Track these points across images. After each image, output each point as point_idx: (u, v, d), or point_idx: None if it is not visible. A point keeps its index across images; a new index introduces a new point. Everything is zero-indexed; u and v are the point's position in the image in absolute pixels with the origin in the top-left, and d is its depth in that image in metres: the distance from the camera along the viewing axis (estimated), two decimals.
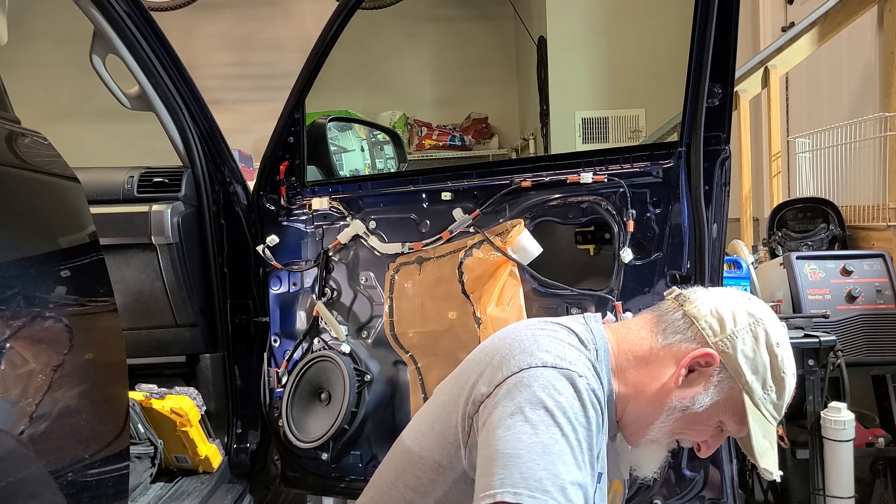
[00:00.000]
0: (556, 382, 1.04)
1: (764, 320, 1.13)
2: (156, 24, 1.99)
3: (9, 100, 1.32)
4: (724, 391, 1.12)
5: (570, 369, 1.05)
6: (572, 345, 1.12)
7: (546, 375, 1.04)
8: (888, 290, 2.42)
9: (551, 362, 1.06)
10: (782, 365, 1.12)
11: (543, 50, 4.83)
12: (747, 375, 1.11)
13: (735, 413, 1.13)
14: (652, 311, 1.22)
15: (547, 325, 1.17)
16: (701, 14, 1.58)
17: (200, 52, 5.71)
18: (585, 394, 1.04)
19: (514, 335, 1.16)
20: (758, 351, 1.11)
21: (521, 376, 1.06)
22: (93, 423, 1.25)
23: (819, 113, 3.53)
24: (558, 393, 1.03)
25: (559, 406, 1.02)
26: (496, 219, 1.85)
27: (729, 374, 1.11)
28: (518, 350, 1.10)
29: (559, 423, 1.01)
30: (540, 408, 1.02)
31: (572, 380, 1.04)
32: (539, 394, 1.03)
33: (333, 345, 2.07)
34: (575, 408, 1.03)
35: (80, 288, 1.28)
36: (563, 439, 1.00)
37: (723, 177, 1.64)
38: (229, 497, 2.05)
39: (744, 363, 1.11)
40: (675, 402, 1.13)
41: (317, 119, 2.39)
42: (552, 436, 1.00)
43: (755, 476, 2.43)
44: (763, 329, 1.12)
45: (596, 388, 1.07)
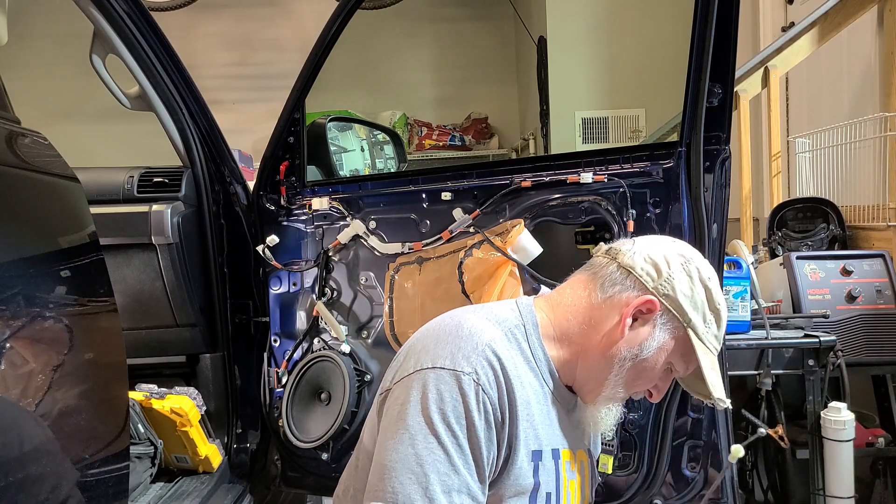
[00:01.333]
0: (441, 385, 1.06)
1: (694, 259, 1.18)
2: (156, 24, 1.99)
3: (9, 100, 1.32)
4: (669, 332, 1.15)
5: (456, 370, 1.06)
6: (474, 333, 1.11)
7: (433, 379, 1.07)
8: (888, 290, 2.42)
9: (440, 363, 1.08)
10: (716, 297, 1.16)
11: (543, 50, 4.83)
12: (690, 312, 1.14)
13: (682, 352, 1.16)
14: (584, 270, 1.24)
15: (461, 316, 1.18)
16: (701, 14, 1.58)
17: (200, 52, 5.71)
18: (472, 392, 1.05)
19: (431, 328, 1.19)
20: (694, 288, 1.15)
21: (413, 378, 1.09)
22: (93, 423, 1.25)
23: (819, 113, 3.53)
24: (440, 399, 1.05)
25: (440, 412, 1.05)
26: (496, 219, 1.85)
27: (672, 316, 1.15)
28: (421, 346, 1.13)
29: (437, 432, 1.04)
30: (420, 416, 1.05)
31: (458, 380, 1.06)
32: (423, 401, 1.06)
33: (333, 345, 2.07)
34: (457, 411, 1.05)
35: (80, 288, 1.28)
36: (440, 448, 1.03)
37: (723, 177, 1.65)
38: (229, 497, 2.05)
39: (684, 302, 1.14)
40: (625, 351, 1.15)
41: (317, 119, 2.39)
42: (428, 445, 1.04)
43: (755, 476, 2.43)
44: (695, 267, 1.16)
45: (489, 381, 1.07)
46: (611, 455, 1.72)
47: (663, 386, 1.22)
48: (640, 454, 1.72)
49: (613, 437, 1.73)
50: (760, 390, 2.24)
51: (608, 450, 1.72)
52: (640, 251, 1.18)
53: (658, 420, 1.70)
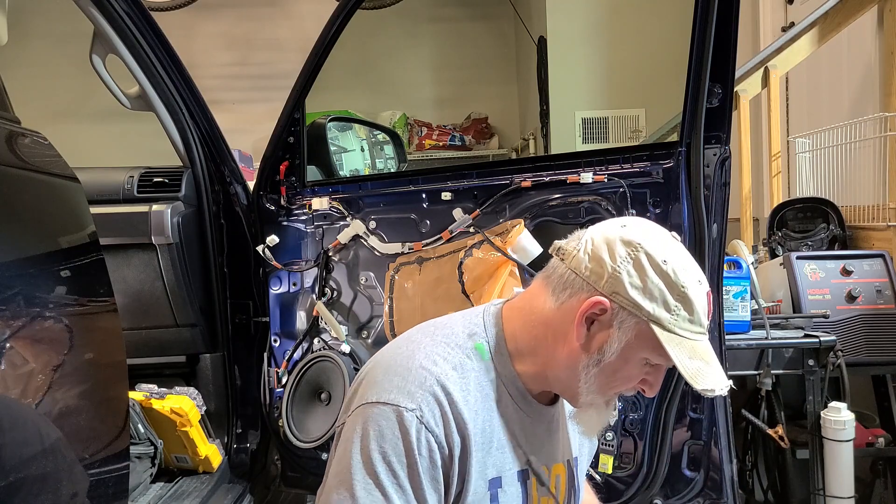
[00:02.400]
0: (381, 422, 1.03)
1: (642, 243, 1.05)
2: (156, 24, 2.00)
3: (9, 100, 1.32)
4: (630, 330, 1.04)
5: (399, 405, 1.03)
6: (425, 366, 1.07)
7: (375, 415, 1.04)
8: (888, 290, 2.42)
9: (384, 398, 1.04)
10: (678, 280, 1.03)
11: (543, 50, 4.83)
12: (646, 306, 1.02)
13: (654, 346, 1.04)
14: (542, 272, 1.15)
15: (424, 340, 1.14)
16: (701, 14, 1.58)
17: (200, 52, 5.71)
18: (414, 430, 1.02)
19: (385, 356, 1.15)
20: (647, 278, 1.03)
21: (357, 414, 1.06)
22: (93, 423, 1.25)
23: (819, 113, 3.53)
24: (381, 437, 1.02)
25: (380, 451, 1.02)
26: (496, 219, 1.85)
27: (628, 313, 1.03)
28: (371, 378, 1.10)
29: (376, 472, 1.02)
30: (359, 455, 1.03)
31: (400, 417, 1.02)
32: (363, 439, 1.03)
33: (333, 345, 2.08)
34: (398, 449, 1.02)
35: (80, 288, 1.28)
36: (377, 490, 1.01)
37: (723, 177, 1.65)
38: (229, 497, 2.05)
39: (636, 296, 1.03)
40: (586, 359, 1.07)
41: (317, 119, 2.39)
42: (366, 487, 1.02)
43: (755, 476, 2.43)
44: (643, 253, 1.04)
45: (434, 418, 1.04)
46: (611, 455, 1.72)
47: (654, 380, 1.10)
48: (640, 454, 1.72)
49: (613, 437, 1.73)
50: (760, 390, 2.24)
51: (608, 450, 1.72)
52: (584, 247, 1.08)
53: (658, 420, 1.70)
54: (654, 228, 1.10)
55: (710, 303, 1.07)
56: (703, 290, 1.06)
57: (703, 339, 1.06)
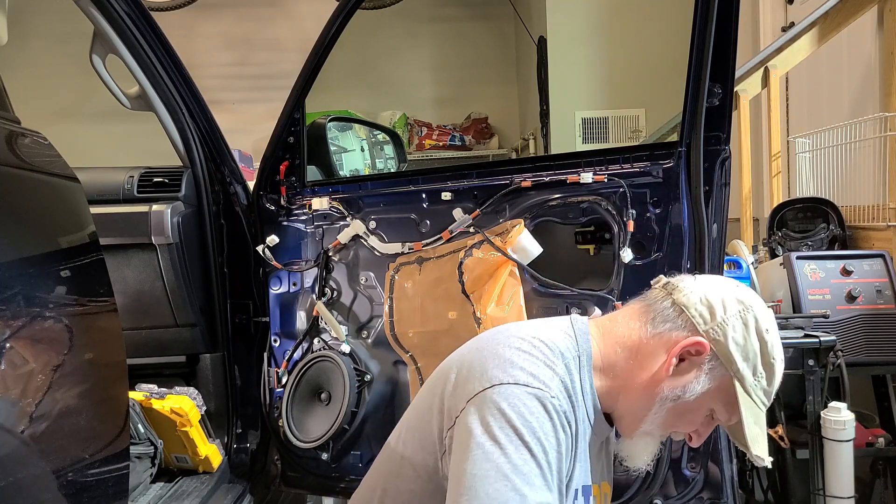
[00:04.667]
0: (527, 401, 1.02)
1: (753, 307, 1.12)
2: (156, 24, 1.99)
3: (9, 100, 1.32)
4: (715, 379, 1.10)
5: (541, 389, 1.04)
6: (547, 362, 1.09)
7: (517, 394, 1.03)
8: (888, 290, 2.42)
9: (523, 380, 1.04)
10: (772, 351, 1.11)
11: (543, 50, 4.83)
12: (738, 363, 1.09)
13: (726, 401, 1.12)
14: (640, 300, 1.20)
15: (524, 336, 1.14)
16: (701, 14, 1.58)
17: (200, 52, 5.71)
18: (556, 415, 1.03)
19: (489, 346, 1.14)
20: (748, 338, 1.10)
21: (492, 392, 1.04)
22: (93, 423, 1.25)
23: (819, 113, 3.53)
24: (529, 412, 1.01)
25: (529, 426, 1.01)
26: (496, 219, 1.85)
27: (720, 362, 1.10)
28: (491, 363, 1.08)
29: (528, 444, 1.00)
30: (509, 428, 1.01)
31: (543, 400, 1.03)
32: (509, 413, 1.01)
33: (333, 345, 2.07)
34: (545, 428, 1.02)
35: (80, 288, 1.28)
36: (533, 460, 1.00)
37: (723, 177, 1.64)
38: (229, 497, 2.05)
39: (735, 350, 1.09)
40: (667, 391, 1.11)
41: (317, 119, 2.39)
42: (522, 456, 0.99)
43: (755, 476, 2.43)
44: (753, 316, 1.11)
45: (567, 410, 1.05)
46: None
47: (704, 431, 1.17)
48: None
49: None
50: None
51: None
52: (697, 290, 1.14)
53: None
54: (759, 298, 1.18)
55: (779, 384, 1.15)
56: (782, 369, 1.14)
57: (765, 410, 1.14)
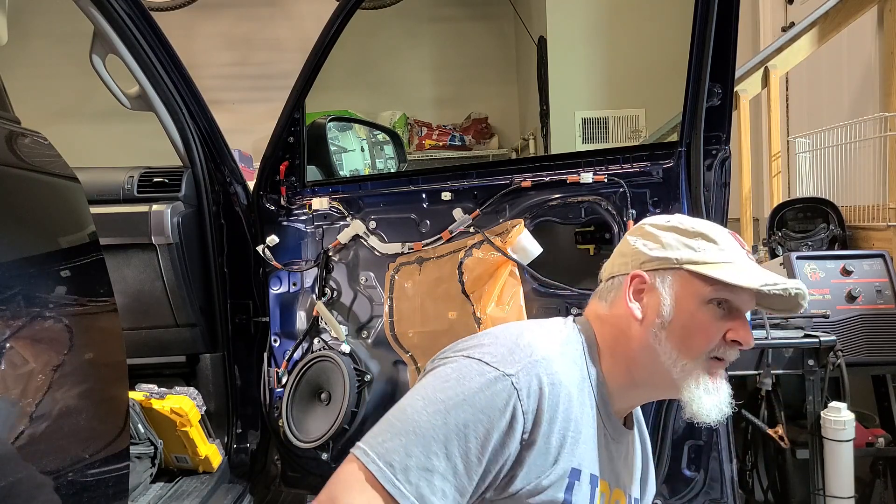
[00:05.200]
0: (479, 377, 1.03)
1: (644, 223, 1.18)
2: (156, 24, 2.00)
3: (9, 100, 1.32)
4: (673, 284, 1.11)
5: (499, 369, 1.04)
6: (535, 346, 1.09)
7: (472, 366, 1.05)
8: (888, 290, 2.42)
9: (487, 359, 1.05)
10: (685, 226, 1.14)
11: (543, 50, 4.83)
12: (672, 255, 1.12)
13: (698, 287, 1.10)
14: (594, 293, 1.25)
15: (531, 326, 1.17)
16: (701, 14, 1.58)
17: (200, 52, 5.71)
18: (505, 394, 1.02)
19: (490, 330, 1.17)
20: (660, 237, 1.14)
21: (452, 359, 1.08)
22: (93, 423, 1.25)
23: (819, 113, 3.53)
24: (468, 380, 1.03)
25: (461, 394, 1.02)
26: (496, 219, 1.85)
27: (661, 271, 1.12)
28: (477, 341, 1.12)
29: (448, 410, 1.01)
30: (441, 390, 1.03)
31: (497, 379, 1.03)
32: (451, 376, 1.04)
33: (333, 345, 2.08)
34: (479, 402, 1.01)
35: (80, 288, 1.28)
36: (443, 427, 1.00)
37: (723, 177, 1.65)
38: (229, 497, 2.05)
39: (659, 253, 1.13)
40: (650, 330, 1.12)
41: (317, 119, 2.39)
42: (432, 419, 1.00)
43: (755, 476, 2.43)
44: (648, 225, 1.17)
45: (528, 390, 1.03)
46: None
47: (740, 325, 1.10)
48: None
49: None
50: (760, 390, 2.24)
51: None
52: (612, 257, 1.22)
53: (658, 420, 1.70)
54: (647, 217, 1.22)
55: (737, 238, 1.14)
56: (718, 227, 1.13)
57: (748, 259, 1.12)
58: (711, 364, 1.12)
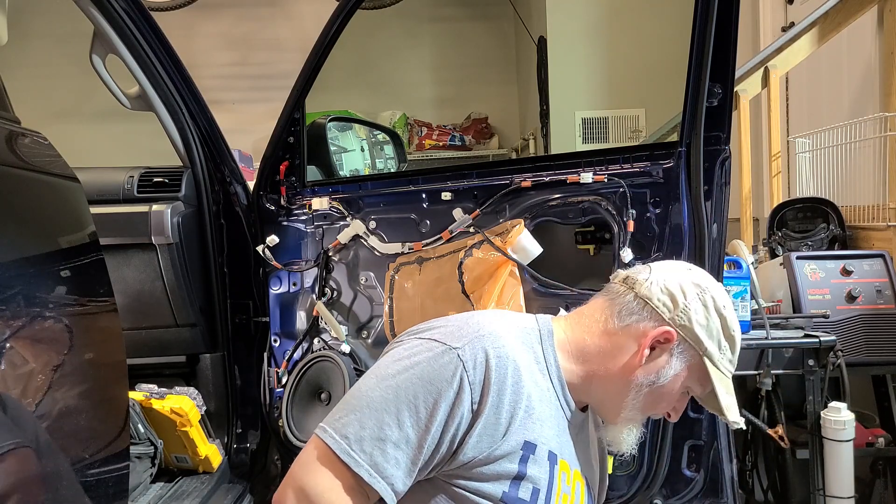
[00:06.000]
0: (425, 353, 1.10)
1: (710, 288, 1.21)
2: (156, 24, 2.00)
3: (9, 100, 1.32)
4: (686, 360, 1.19)
5: (446, 343, 1.11)
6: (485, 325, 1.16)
7: (421, 344, 1.13)
8: (888, 290, 2.42)
9: (436, 336, 1.13)
10: (731, 325, 1.20)
11: (543, 50, 4.83)
12: (705, 342, 1.18)
13: (698, 377, 1.20)
14: (603, 295, 1.27)
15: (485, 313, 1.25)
16: (701, 14, 1.58)
17: (200, 52, 5.71)
18: (451, 366, 1.08)
19: (450, 318, 1.24)
20: (710, 317, 1.18)
21: (405, 341, 1.16)
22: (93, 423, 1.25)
23: (819, 113, 3.53)
24: (417, 356, 1.10)
25: (410, 368, 1.09)
26: (496, 219, 1.85)
27: (689, 345, 1.18)
28: (430, 324, 1.20)
29: (399, 385, 1.08)
30: (391, 367, 1.11)
31: (443, 353, 1.09)
32: (402, 354, 1.12)
33: (333, 345, 2.08)
34: (425, 376, 1.08)
35: (80, 288, 1.28)
36: (395, 399, 1.07)
37: (723, 177, 1.65)
38: (229, 497, 2.05)
39: (700, 332, 1.18)
40: (642, 378, 1.18)
41: (317, 119, 2.39)
42: (384, 393, 1.08)
43: (755, 476, 2.43)
44: (710, 296, 1.19)
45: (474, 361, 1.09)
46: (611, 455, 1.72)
47: (681, 407, 1.26)
48: (640, 454, 1.72)
49: None
50: (760, 390, 2.24)
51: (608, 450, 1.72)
52: (656, 281, 1.21)
53: (658, 420, 1.70)
54: (708, 275, 1.26)
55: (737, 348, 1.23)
56: (740, 336, 1.22)
57: (730, 378, 1.23)
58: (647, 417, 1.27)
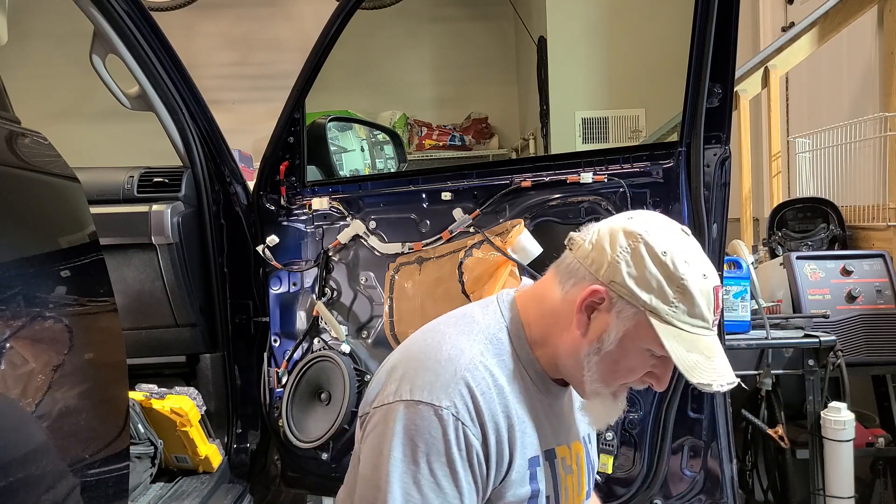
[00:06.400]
0: (419, 422, 1.04)
1: (644, 234, 1.06)
2: (156, 24, 1.99)
3: (9, 100, 1.32)
4: (629, 319, 1.05)
5: (434, 404, 1.04)
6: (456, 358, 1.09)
7: (412, 414, 1.05)
8: (888, 290, 2.42)
9: (418, 396, 1.06)
10: (677, 271, 1.03)
11: (543, 50, 4.83)
12: (642, 296, 1.03)
13: (653, 337, 1.04)
14: (555, 263, 1.18)
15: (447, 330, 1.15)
16: (701, 14, 1.58)
17: (200, 52, 5.71)
18: (452, 428, 1.04)
19: (413, 347, 1.16)
20: (645, 267, 1.04)
21: (393, 409, 1.07)
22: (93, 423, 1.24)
23: (819, 113, 3.53)
24: (419, 436, 1.04)
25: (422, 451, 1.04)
26: (496, 219, 1.85)
27: (626, 301, 1.05)
28: (402, 371, 1.11)
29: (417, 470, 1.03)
30: (399, 463, 1.04)
31: (438, 416, 1.04)
32: (404, 436, 1.04)
33: (333, 345, 2.08)
34: (437, 448, 1.03)
35: (80, 288, 1.28)
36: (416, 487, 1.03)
37: (723, 177, 1.65)
38: (229, 497, 2.05)
39: (633, 285, 1.04)
40: (587, 347, 1.08)
41: (317, 119, 2.39)
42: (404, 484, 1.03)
43: (755, 476, 2.43)
44: (643, 244, 1.05)
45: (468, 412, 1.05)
46: (611, 455, 1.72)
47: (662, 373, 1.09)
48: (640, 454, 1.72)
49: (613, 437, 1.73)
50: (760, 390, 2.24)
51: (608, 450, 1.72)
52: (590, 237, 1.10)
53: (658, 420, 1.70)
54: (662, 221, 1.10)
55: (717, 297, 1.06)
56: (707, 283, 1.04)
57: (707, 333, 1.05)
58: (620, 388, 1.13)
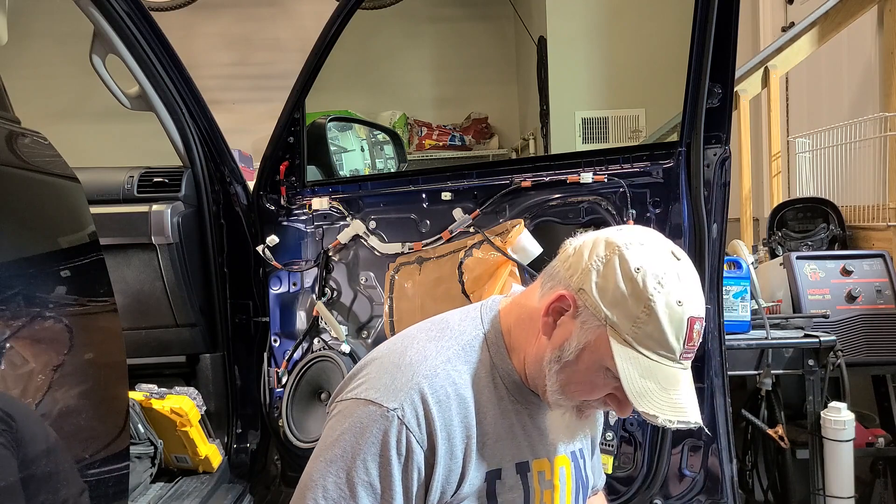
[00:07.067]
0: (365, 420, 1.04)
1: (623, 247, 1.00)
2: (156, 24, 2.00)
3: (9, 100, 1.32)
4: (591, 331, 0.99)
5: (383, 405, 1.04)
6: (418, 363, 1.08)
7: (361, 412, 1.05)
8: (888, 290, 2.42)
9: (371, 395, 1.05)
10: (646, 291, 0.96)
11: (543, 50, 4.83)
12: (605, 309, 0.98)
13: (608, 358, 0.99)
14: (545, 267, 1.13)
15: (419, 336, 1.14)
16: (701, 14, 1.58)
17: (200, 52, 5.70)
18: (394, 430, 1.03)
19: (384, 349, 1.17)
20: (614, 280, 0.98)
21: (347, 406, 1.08)
22: (93, 423, 1.25)
23: (819, 113, 3.53)
24: (361, 436, 1.04)
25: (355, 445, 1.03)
26: (496, 219, 1.85)
27: (591, 312, 0.99)
28: (366, 372, 1.11)
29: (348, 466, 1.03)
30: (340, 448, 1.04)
31: (383, 417, 1.03)
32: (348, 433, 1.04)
33: (333, 345, 2.08)
34: (373, 450, 1.03)
35: (80, 288, 1.28)
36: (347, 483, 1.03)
37: (723, 177, 1.65)
38: (229, 497, 2.05)
39: (597, 296, 0.98)
40: (549, 354, 1.04)
41: (317, 119, 2.39)
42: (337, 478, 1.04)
43: (755, 476, 2.43)
44: (618, 256, 0.99)
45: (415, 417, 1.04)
46: (611, 455, 1.72)
47: (624, 398, 1.00)
48: (640, 454, 1.72)
49: (613, 437, 1.73)
50: (760, 390, 2.24)
51: (608, 450, 1.72)
52: (578, 242, 1.06)
53: None
54: (651, 239, 1.04)
55: (692, 329, 0.98)
56: (681, 310, 0.97)
57: (671, 364, 0.98)
58: (584, 405, 1.08)
